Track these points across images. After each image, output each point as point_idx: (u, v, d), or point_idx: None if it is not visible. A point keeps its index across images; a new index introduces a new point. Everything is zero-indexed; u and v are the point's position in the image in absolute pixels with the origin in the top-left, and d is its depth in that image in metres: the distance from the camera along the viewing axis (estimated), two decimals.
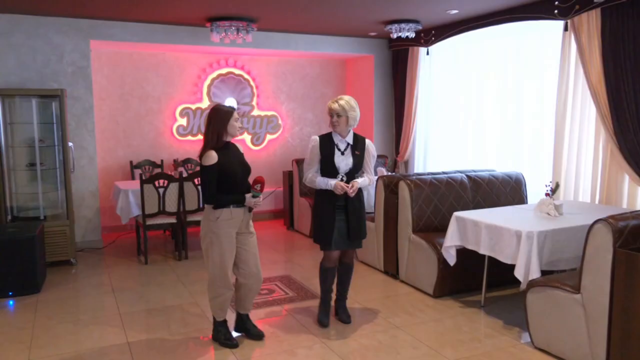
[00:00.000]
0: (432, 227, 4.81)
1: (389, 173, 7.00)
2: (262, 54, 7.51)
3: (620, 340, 2.99)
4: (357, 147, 3.82)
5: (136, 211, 5.68)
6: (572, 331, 3.26)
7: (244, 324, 3.78)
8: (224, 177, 3.40)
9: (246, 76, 7.65)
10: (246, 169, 3.56)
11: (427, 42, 6.77)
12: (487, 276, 4.26)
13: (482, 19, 5.87)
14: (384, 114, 7.88)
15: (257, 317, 4.12)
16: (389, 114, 7.88)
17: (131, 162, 6.96)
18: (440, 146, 7.07)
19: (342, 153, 3.76)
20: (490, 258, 4.09)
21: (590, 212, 4.16)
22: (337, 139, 3.79)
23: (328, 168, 3.76)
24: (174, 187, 5.55)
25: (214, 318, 3.68)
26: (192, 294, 4.68)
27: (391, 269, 5.10)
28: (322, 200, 3.80)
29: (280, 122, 7.96)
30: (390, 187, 5.04)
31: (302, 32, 7.02)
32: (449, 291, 4.53)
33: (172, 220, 5.67)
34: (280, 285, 4.90)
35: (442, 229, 4.57)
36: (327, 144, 3.78)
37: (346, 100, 3.73)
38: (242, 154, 3.60)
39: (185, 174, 5.79)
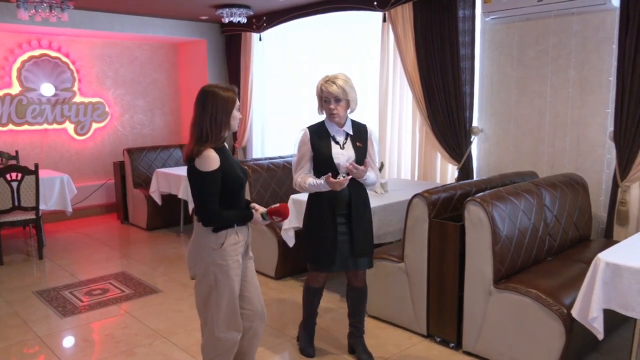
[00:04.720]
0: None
1: None
2: (82, 35, 6.88)
3: (436, 299, 3.38)
4: (359, 137, 2.99)
5: None
6: (399, 297, 3.60)
7: None
8: (228, 188, 2.45)
9: (64, 59, 6.95)
10: (246, 175, 2.64)
11: (259, 28, 6.82)
12: None
13: (310, 7, 6.07)
14: None
15: (91, 320, 3.84)
16: None
17: None
18: (276, 131, 7.21)
19: (342, 147, 2.95)
20: None
21: (410, 187, 4.58)
22: (333, 129, 2.96)
23: (323, 167, 2.91)
24: None
25: None
26: (9, 303, 4.17)
27: None
28: (319, 207, 2.96)
29: (107, 109, 7.40)
30: None
31: (128, 12, 6.57)
32: (289, 272, 4.68)
33: None
34: (116, 283, 4.61)
35: None
36: (320, 136, 2.95)
37: (343, 78, 2.89)
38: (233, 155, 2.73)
39: None
